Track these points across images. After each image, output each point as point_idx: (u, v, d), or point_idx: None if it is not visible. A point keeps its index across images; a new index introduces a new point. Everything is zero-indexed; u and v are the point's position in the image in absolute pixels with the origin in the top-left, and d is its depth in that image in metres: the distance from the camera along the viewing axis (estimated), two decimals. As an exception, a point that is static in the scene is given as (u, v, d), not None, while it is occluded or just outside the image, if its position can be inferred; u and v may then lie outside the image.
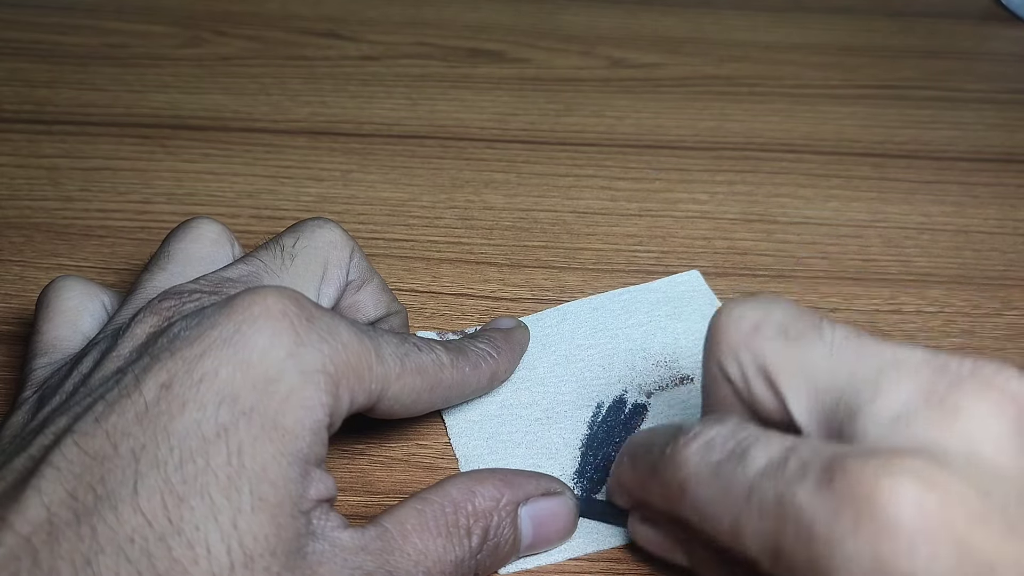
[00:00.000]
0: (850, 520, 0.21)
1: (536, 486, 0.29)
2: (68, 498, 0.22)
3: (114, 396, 0.24)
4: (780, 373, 0.25)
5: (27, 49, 0.53)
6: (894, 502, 0.20)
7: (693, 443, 0.25)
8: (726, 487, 0.23)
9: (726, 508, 0.23)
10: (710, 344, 0.26)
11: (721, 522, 0.24)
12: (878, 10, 0.60)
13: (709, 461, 0.24)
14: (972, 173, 0.47)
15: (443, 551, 0.26)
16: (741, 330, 0.25)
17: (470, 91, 0.51)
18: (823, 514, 0.21)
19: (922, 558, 0.20)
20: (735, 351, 0.25)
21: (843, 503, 0.21)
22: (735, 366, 0.25)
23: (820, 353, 0.24)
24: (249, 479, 0.23)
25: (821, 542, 0.21)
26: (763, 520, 0.22)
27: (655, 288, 0.39)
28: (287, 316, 0.25)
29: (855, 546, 0.20)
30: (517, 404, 0.34)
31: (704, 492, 0.24)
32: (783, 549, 0.22)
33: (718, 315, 0.26)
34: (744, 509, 0.23)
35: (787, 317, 0.25)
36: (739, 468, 0.23)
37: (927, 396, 0.22)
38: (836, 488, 0.21)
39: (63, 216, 0.42)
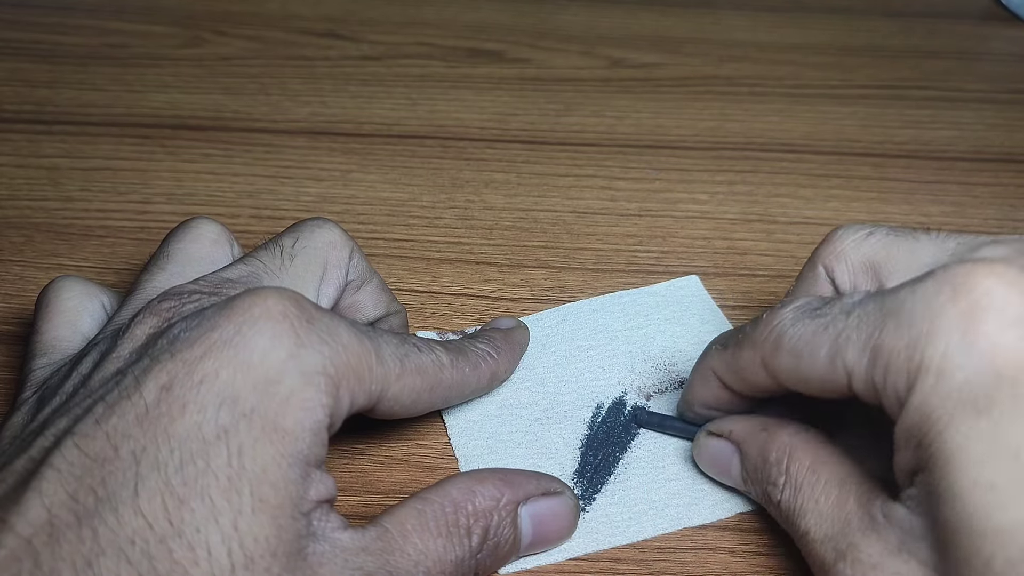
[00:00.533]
0: (948, 296, 0.23)
1: (536, 486, 0.29)
2: (69, 500, 0.22)
3: (114, 398, 0.24)
4: (890, 263, 0.28)
5: (27, 49, 0.53)
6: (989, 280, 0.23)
7: (788, 305, 0.27)
8: (825, 319, 0.26)
9: (824, 336, 0.25)
10: (822, 248, 0.30)
11: (818, 351, 0.25)
12: (877, 10, 0.60)
13: (807, 309, 0.26)
14: (972, 173, 0.47)
15: (443, 551, 0.26)
16: (857, 235, 0.29)
17: (470, 91, 0.51)
18: (924, 296, 0.24)
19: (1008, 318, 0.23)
20: (847, 253, 0.29)
21: (943, 283, 0.24)
22: (845, 266, 0.29)
23: (927, 243, 0.28)
24: (249, 481, 0.23)
25: (920, 318, 0.23)
26: (863, 326, 0.24)
27: (655, 292, 0.39)
28: (287, 317, 0.25)
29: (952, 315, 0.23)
30: (517, 404, 0.34)
31: (801, 331, 0.26)
32: (882, 344, 0.24)
33: (835, 230, 0.30)
34: (844, 327, 0.25)
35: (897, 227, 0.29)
36: (837, 304, 0.26)
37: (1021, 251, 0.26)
38: (936, 276, 0.24)
39: (63, 216, 0.42)
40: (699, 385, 0.31)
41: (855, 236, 0.29)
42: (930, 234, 0.28)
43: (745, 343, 0.28)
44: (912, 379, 0.23)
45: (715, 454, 0.31)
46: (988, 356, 0.22)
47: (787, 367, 0.27)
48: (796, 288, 0.31)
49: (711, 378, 0.30)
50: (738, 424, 0.30)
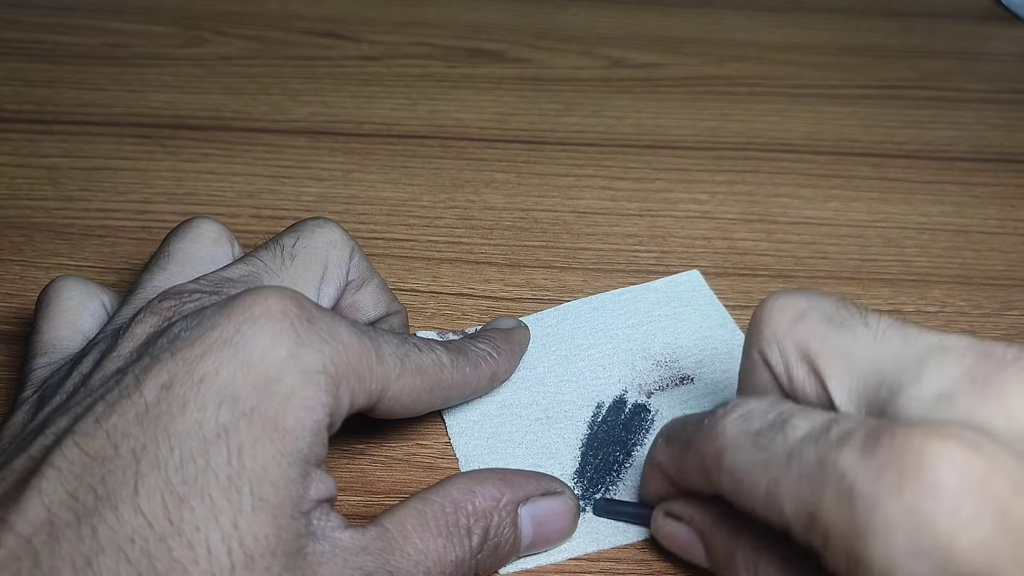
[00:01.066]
0: (894, 480, 0.20)
1: (536, 486, 0.29)
2: (69, 499, 0.22)
3: (114, 396, 0.24)
4: (824, 357, 0.25)
5: (27, 49, 0.53)
6: (940, 463, 0.20)
7: (732, 414, 0.25)
8: (764, 455, 0.23)
9: (762, 475, 0.23)
10: (753, 331, 0.26)
11: (756, 489, 0.23)
12: (877, 10, 0.60)
13: (748, 430, 0.24)
14: (972, 173, 0.47)
15: (443, 551, 0.26)
16: (786, 318, 0.26)
17: (470, 91, 0.51)
18: (866, 475, 0.21)
19: (964, 519, 0.20)
20: (779, 338, 0.26)
21: (888, 464, 0.21)
22: (777, 353, 0.26)
23: (865, 338, 0.24)
24: (249, 479, 0.23)
25: (861, 503, 0.21)
26: (801, 484, 0.22)
27: (655, 288, 0.39)
28: (288, 316, 0.25)
29: (898, 506, 0.20)
30: (517, 404, 0.34)
31: (741, 460, 0.24)
32: (820, 513, 0.22)
33: (763, 304, 0.26)
34: (783, 474, 0.23)
35: (832, 306, 0.26)
36: (779, 436, 0.23)
37: (971, 377, 0.23)
38: (881, 450, 0.21)
39: (63, 216, 0.42)
40: (650, 479, 0.29)
41: (785, 317, 0.26)
42: (868, 324, 0.25)
43: (688, 449, 0.26)
44: (853, 569, 0.21)
45: (675, 538, 0.29)
46: (939, 560, 0.20)
47: (728, 490, 0.25)
48: (740, 376, 0.28)
49: (658, 476, 0.29)
50: (697, 512, 0.28)
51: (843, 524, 0.21)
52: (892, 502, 0.20)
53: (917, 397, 0.23)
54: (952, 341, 0.23)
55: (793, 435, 0.23)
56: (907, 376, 0.23)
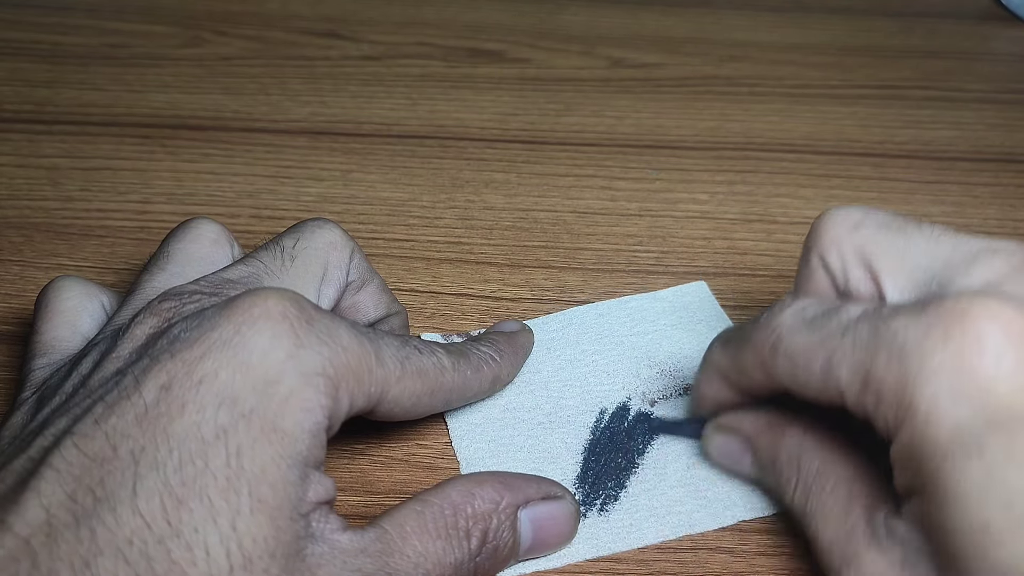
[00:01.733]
0: (941, 333, 0.23)
1: (536, 490, 0.29)
2: (67, 500, 0.22)
3: (113, 398, 0.24)
4: (880, 258, 0.27)
5: (27, 49, 0.53)
6: (983, 319, 0.22)
7: (788, 307, 0.27)
8: (821, 333, 0.25)
9: (819, 352, 0.25)
10: (813, 237, 0.28)
11: (813, 365, 0.25)
12: (878, 10, 0.60)
13: (804, 317, 0.26)
14: (972, 173, 0.47)
15: (442, 553, 0.26)
16: (847, 224, 0.28)
17: (470, 91, 0.51)
18: (916, 333, 0.23)
19: (1005, 368, 0.22)
20: (838, 243, 0.28)
21: (936, 321, 0.23)
22: (836, 256, 0.28)
23: (919, 240, 0.26)
24: (248, 481, 0.23)
25: (911, 355, 0.23)
26: (856, 350, 0.24)
27: (662, 297, 0.39)
28: (287, 318, 0.25)
29: (943, 356, 0.22)
30: (520, 408, 0.34)
31: (798, 341, 0.26)
32: (874, 372, 0.24)
33: (823, 215, 0.28)
34: (838, 346, 0.25)
35: (888, 215, 0.28)
36: (834, 317, 0.25)
37: (1017, 269, 0.25)
38: (930, 312, 0.23)
39: (63, 216, 0.42)
40: (705, 384, 0.31)
41: (844, 225, 0.28)
42: (922, 230, 0.27)
43: (745, 344, 0.28)
44: (902, 416, 0.23)
45: (726, 450, 0.31)
46: (979, 402, 0.22)
47: (784, 373, 0.27)
48: (797, 282, 0.31)
49: (715, 377, 0.30)
50: (747, 420, 0.30)
51: (895, 377, 0.23)
52: (939, 352, 0.23)
53: (967, 286, 0.25)
54: (1001, 244, 0.26)
55: (847, 315, 0.25)
56: (958, 271, 0.25)
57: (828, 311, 0.26)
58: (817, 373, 0.25)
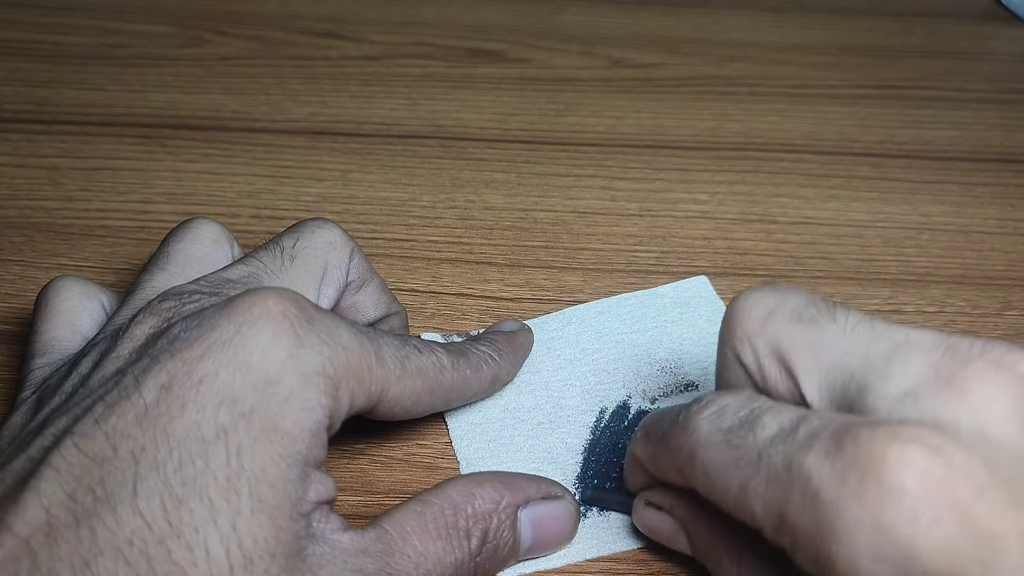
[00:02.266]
0: (856, 484, 0.21)
1: (536, 489, 0.29)
2: (67, 500, 0.22)
3: (114, 397, 0.24)
4: (793, 354, 0.25)
5: (27, 49, 0.53)
6: (900, 468, 0.20)
7: (705, 410, 0.25)
8: (735, 453, 0.24)
9: (734, 474, 0.23)
10: (725, 330, 0.26)
11: (728, 488, 0.24)
12: (878, 10, 0.60)
13: (720, 427, 0.24)
14: (972, 173, 0.47)
15: (443, 552, 0.26)
16: (756, 316, 0.26)
17: (470, 91, 0.51)
18: (830, 479, 0.21)
19: (924, 524, 0.20)
20: (749, 336, 0.26)
21: (850, 468, 0.21)
22: (749, 351, 0.26)
23: (833, 334, 0.24)
24: (248, 481, 0.23)
25: (826, 507, 0.21)
26: (770, 485, 0.22)
27: (662, 293, 0.39)
28: (287, 318, 0.25)
29: (859, 510, 0.21)
30: (520, 408, 0.34)
31: (714, 457, 0.24)
32: (788, 515, 0.22)
33: (734, 302, 0.26)
34: (752, 475, 0.23)
35: (801, 302, 0.26)
36: (750, 435, 0.23)
37: (936, 374, 0.23)
38: (844, 454, 0.21)
39: (63, 216, 0.42)
40: (630, 472, 0.30)
41: (755, 316, 0.26)
42: (836, 320, 0.25)
43: (664, 444, 0.26)
44: (820, 567, 0.22)
45: (657, 526, 0.29)
46: (902, 561, 0.20)
47: (701, 487, 0.25)
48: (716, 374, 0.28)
49: (638, 469, 0.29)
50: (678, 501, 0.28)
51: (809, 526, 0.21)
52: (854, 506, 0.21)
53: (884, 395, 0.23)
54: (919, 336, 0.23)
55: (763, 434, 0.23)
56: (875, 373, 0.23)
57: (744, 422, 0.24)
58: (733, 497, 0.24)
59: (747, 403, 0.25)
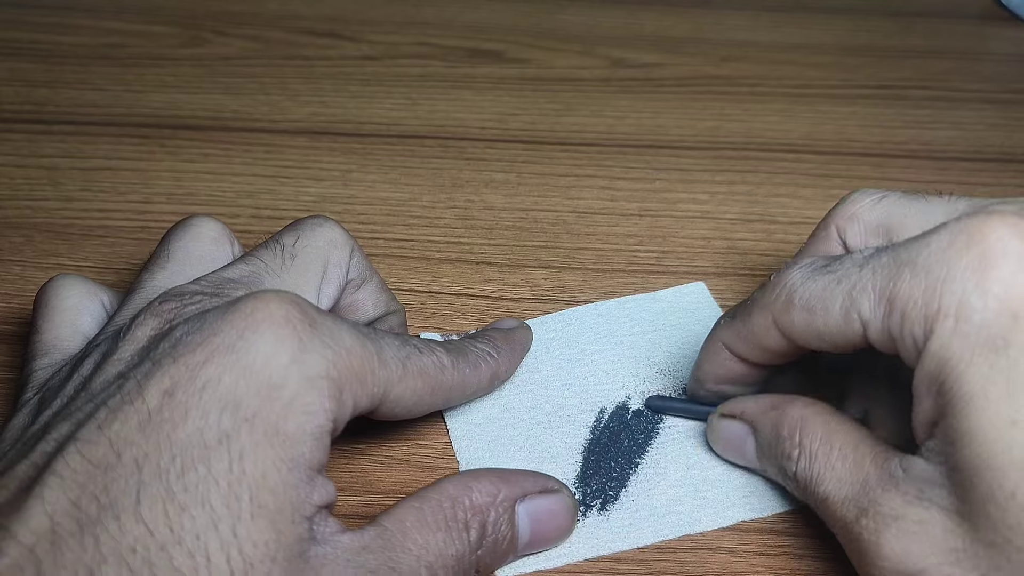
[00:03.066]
0: (963, 242, 0.24)
1: (533, 483, 0.29)
2: (71, 507, 0.22)
3: (116, 403, 0.24)
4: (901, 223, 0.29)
5: (27, 49, 0.53)
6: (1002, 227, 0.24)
7: (795, 265, 0.28)
8: (837, 273, 0.26)
9: (837, 290, 0.26)
10: (835, 210, 0.30)
11: (831, 307, 0.26)
12: (878, 10, 0.60)
13: (815, 267, 0.27)
14: (972, 173, 0.47)
15: (443, 545, 0.26)
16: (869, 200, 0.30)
17: (470, 91, 0.51)
18: (939, 245, 0.24)
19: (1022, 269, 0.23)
20: (862, 213, 0.29)
21: (957, 234, 0.24)
22: (858, 227, 0.29)
23: (940, 204, 0.28)
24: (249, 486, 0.23)
25: (936, 267, 0.24)
26: (877, 278, 0.25)
27: (660, 298, 0.39)
28: (290, 322, 0.25)
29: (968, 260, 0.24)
30: (519, 407, 0.34)
31: (813, 286, 0.27)
32: (898, 293, 0.24)
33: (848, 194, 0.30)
34: (858, 280, 0.26)
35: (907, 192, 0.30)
36: (847, 259, 0.26)
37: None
38: (949, 228, 0.24)
39: (63, 216, 0.42)
40: (709, 360, 0.31)
41: (869, 199, 0.30)
42: (942, 196, 0.28)
43: (754, 307, 0.29)
44: (930, 325, 0.24)
45: (729, 436, 0.31)
46: (1003, 298, 0.23)
47: (800, 324, 0.27)
48: (806, 248, 0.31)
49: (721, 351, 0.31)
50: (749, 404, 0.31)
51: (921, 289, 0.24)
52: (964, 258, 0.24)
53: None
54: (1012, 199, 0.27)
55: (861, 254, 0.26)
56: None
57: (835, 259, 0.27)
58: (837, 313, 0.26)
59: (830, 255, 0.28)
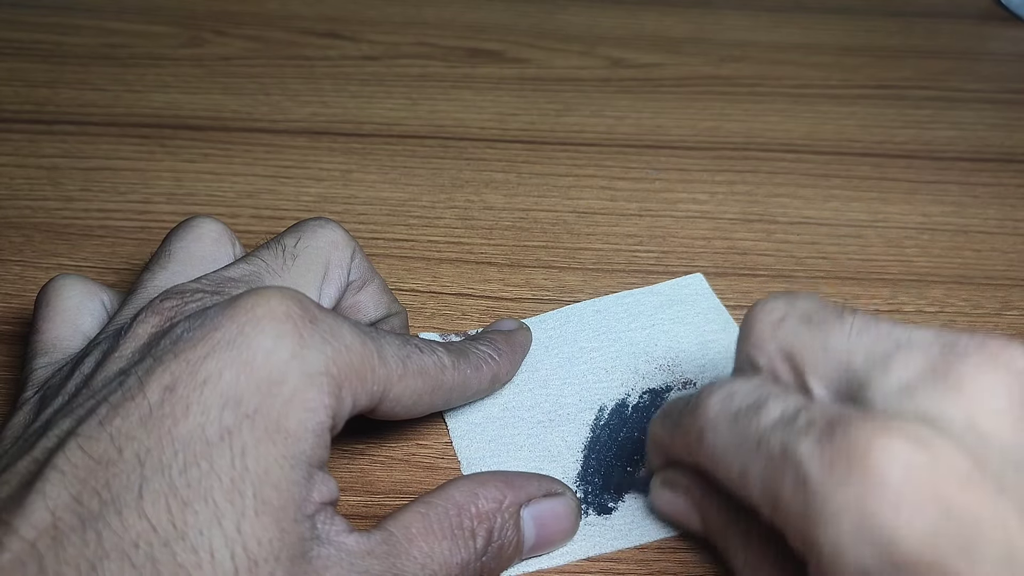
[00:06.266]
0: (843, 473, 0.22)
1: (538, 487, 0.29)
2: (73, 503, 0.22)
3: (118, 398, 0.24)
4: (802, 354, 0.26)
5: (27, 49, 0.53)
6: (885, 459, 0.21)
7: (716, 393, 0.26)
8: (740, 436, 0.25)
9: (737, 456, 0.25)
10: (741, 336, 0.28)
11: (731, 468, 0.25)
12: (878, 10, 0.60)
13: (728, 410, 0.26)
14: (972, 173, 0.47)
15: (449, 554, 0.26)
16: (768, 322, 0.27)
17: (470, 91, 0.51)
18: (819, 466, 0.22)
19: (906, 512, 0.21)
20: (763, 342, 0.27)
21: (838, 457, 0.22)
22: (763, 355, 0.27)
23: (840, 335, 0.25)
24: (252, 482, 0.23)
25: (814, 491, 0.22)
26: (768, 468, 0.24)
27: (659, 291, 0.39)
28: (290, 318, 0.25)
29: (844, 498, 0.22)
30: (519, 407, 0.34)
31: (720, 439, 0.25)
32: (781, 498, 0.23)
33: (749, 311, 0.28)
34: (753, 457, 0.24)
35: (810, 307, 0.27)
36: (754, 419, 0.25)
37: (933, 369, 0.23)
38: (834, 442, 0.22)
39: (63, 216, 0.42)
40: (650, 452, 0.31)
41: (768, 322, 0.27)
42: (843, 323, 0.26)
43: (677, 427, 0.28)
44: (807, 551, 0.23)
45: (672, 506, 0.30)
46: (882, 548, 0.21)
47: (707, 467, 0.26)
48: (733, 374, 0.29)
49: (656, 450, 0.30)
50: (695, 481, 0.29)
51: (798, 509, 0.22)
52: (840, 492, 0.22)
53: (882, 390, 0.24)
54: (920, 334, 0.24)
55: (765, 420, 0.24)
56: (876, 369, 0.24)
57: (750, 407, 0.25)
58: (736, 478, 0.25)
59: (756, 389, 0.26)
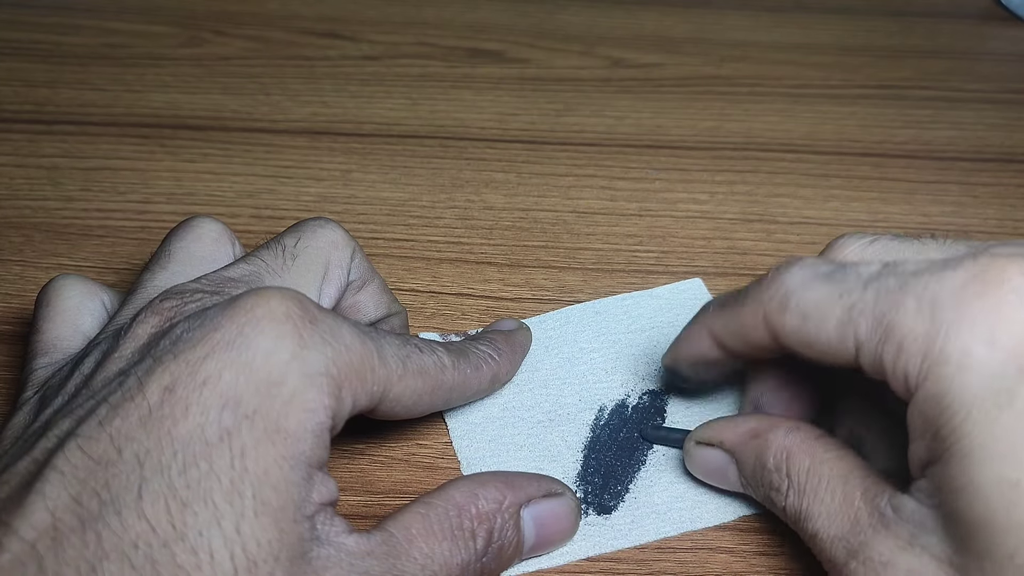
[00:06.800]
0: (978, 286, 0.23)
1: (538, 487, 0.29)
2: (73, 503, 0.22)
3: (117, 399, 0.24)
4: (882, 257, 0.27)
5: (27, 49, 0.53)
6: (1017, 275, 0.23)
7: (794, 265, 0.27)
8: (839, 286, 0.25)
9: (835, 304, 0.25)
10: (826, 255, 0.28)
11: (826, 321, 0.25)
12: (878, 10, 0.60)
13: (817, 273, 0.26)
14: (972, 173, 0.47)
15: (449, 554, 0.26)
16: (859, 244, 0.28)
17: (470, 91, 0.51)
18: (951, 284, 0.23)
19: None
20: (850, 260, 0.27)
21: (971, 275, 0.23)
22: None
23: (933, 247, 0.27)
24: (252, 483, 0.23)
25: (945, 306, 0.23)
26: (879, 302, 0.24)
27: (658, 295, 0.39)
28: (290, 318, 0.25)
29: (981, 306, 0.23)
30: (519, 407, 0.34)
31: (811, 295, 0.26)
32: (899, 324, 0.24)
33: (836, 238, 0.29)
34: (859, 298, 0.25)
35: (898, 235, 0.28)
36: (853, 271, 0.25)
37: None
38: (965, 265, 0.24)
39: (63, 216, 0.42)
40: (690, 342, 0.30)
41: (859, 243, 0.28)
42: (936, 239, 0.27)
43: (747, 300, 0.28)
44: (928, 367, 0.23)
45: (708, 463, 0.30)
46: (1012, 352, 0.22)
47: (792, 328, 0.26)
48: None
49: (705, 337, 0.30)
50: (728, 432, 0.30)
51: (924, 327, 0.23)
52: (975, 303, 0.23)
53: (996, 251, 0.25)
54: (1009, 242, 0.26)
55: (868, 270, 0.25)
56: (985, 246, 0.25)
57: (844, 266, 0.26)
58: (832, 327, 0.25)
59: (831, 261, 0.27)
